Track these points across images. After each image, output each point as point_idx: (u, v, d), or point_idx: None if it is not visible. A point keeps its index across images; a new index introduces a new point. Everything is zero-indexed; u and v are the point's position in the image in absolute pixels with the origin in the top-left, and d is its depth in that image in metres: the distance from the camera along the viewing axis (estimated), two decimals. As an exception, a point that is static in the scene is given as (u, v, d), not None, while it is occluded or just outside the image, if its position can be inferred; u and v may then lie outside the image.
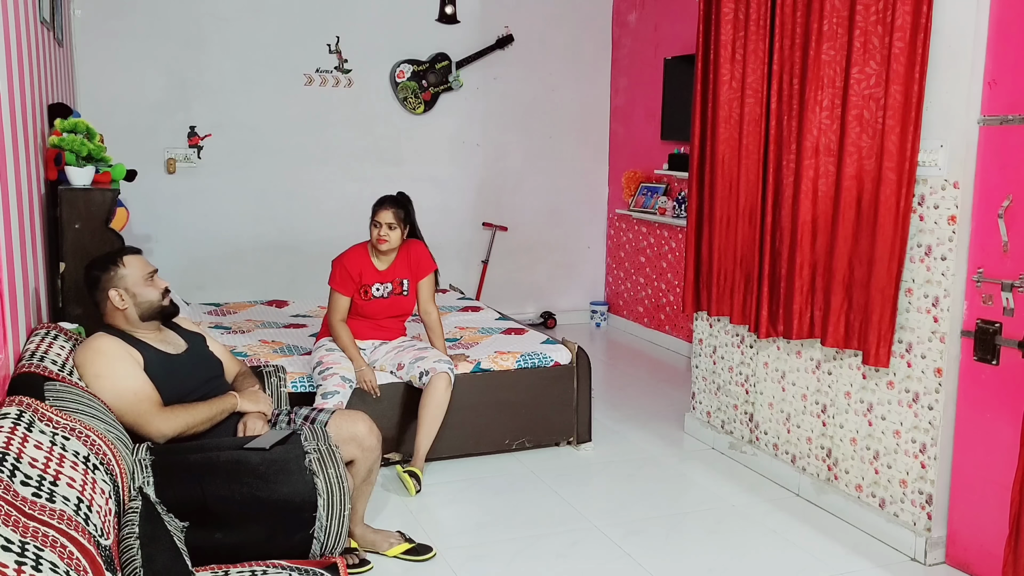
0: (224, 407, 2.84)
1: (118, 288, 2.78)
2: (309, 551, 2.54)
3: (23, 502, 1.63)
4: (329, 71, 6.22)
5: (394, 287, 3.98)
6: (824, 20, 3.38)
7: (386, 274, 3.98)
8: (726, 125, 3.93)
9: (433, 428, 3.75)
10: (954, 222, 3.07)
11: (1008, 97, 2.91)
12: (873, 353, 3.29)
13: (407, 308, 4.07)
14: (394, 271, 3.99)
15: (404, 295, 4.02)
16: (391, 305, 4.01)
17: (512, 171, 6.87)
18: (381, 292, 3.96)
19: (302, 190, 6.26)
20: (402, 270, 4.00)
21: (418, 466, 3.73)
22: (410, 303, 4.06)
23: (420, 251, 4.06)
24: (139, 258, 2.87)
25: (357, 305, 3.97)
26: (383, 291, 3.96)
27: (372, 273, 3.95)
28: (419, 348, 3.97)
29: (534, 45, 6.76)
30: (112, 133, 5.08)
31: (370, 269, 3.95)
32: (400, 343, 4.06)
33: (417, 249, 4.06)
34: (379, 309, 3.99)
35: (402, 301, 4.03)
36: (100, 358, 2.65)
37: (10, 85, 2.76)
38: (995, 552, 2.97)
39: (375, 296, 3.95)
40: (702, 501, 3.75)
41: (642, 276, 6.72)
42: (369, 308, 3.97)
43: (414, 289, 4.04)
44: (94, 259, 2.90)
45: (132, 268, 2.81)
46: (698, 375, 4.46)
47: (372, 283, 3.94)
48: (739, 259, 3.92)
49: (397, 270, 4.00)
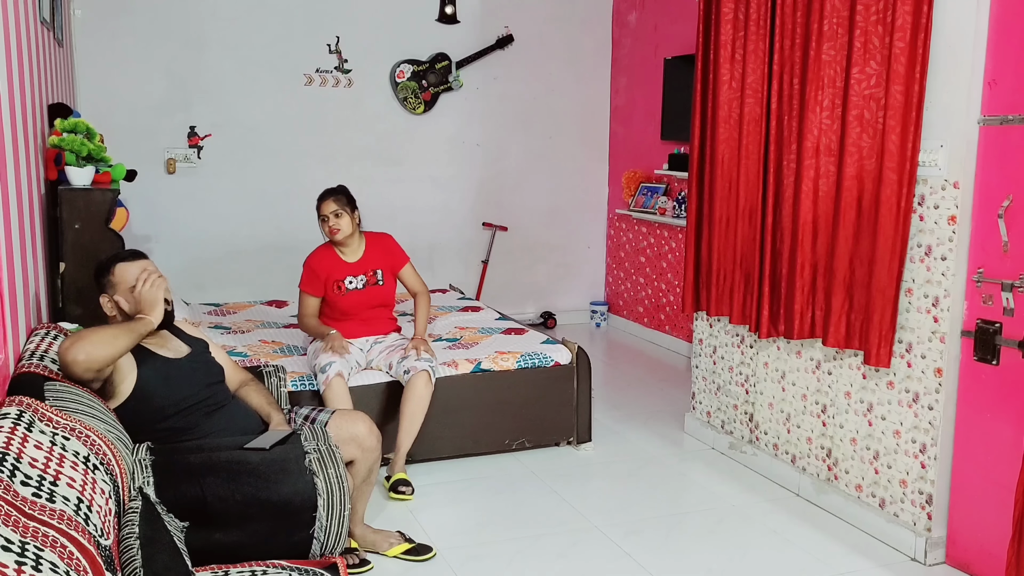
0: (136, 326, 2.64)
1: (108, 296, 2.75)
2: (309, 551, 2.54)
3: (23, 502, 1.63)
4: (329, 71, 6.22)
5: (368, 279, 3.99)
6: (824, 20, 3.38)
7: (357, 266, 3.99)
8: (726, 125, 3.93)
9: (414, 426, 3.73)
10: (954, 222, 3.07)
11: (1008, 97, 2.91)
12: (874, 353, 3.29)
13: (387, 298, 4.08)
14: (366, 263, 4.01)
15: (380, 285, 4.02)
16: (369, 296, 4.01)
17: (512, 171, 6.87)
18: (355, 284, 3.96)
19: (302, 190, 6.23)
20: (375, 261, 4.02)
21: (398, 469, 3.69)
22: (389, 293, 4.07)
23: (390, 243, 4.12)
24: (135, 265, 2.78)
25: (336, 303, 3.98)
26: (357, 283, 3.97)
27: (342, 267, 3.97)
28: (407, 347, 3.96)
29: (534, 45, 6.75)
30: (112, 133, 5.08)
31: (339, 265, 3.97)
32: (393, 341, 4.06)
33: (386, 241, 4.12)
34: (358, 302, 3.99)
35: (380, 292, 4.03)
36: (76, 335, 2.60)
37: (10, 85, 2.76)
38: (995, 552, 2.97)
39: (350, 289, 3.96)
40: (702, 501, 3.75)
41: (642, 276, 6.72)
42: (348, 303, 3.98)
43: (391, 280, 4.07)
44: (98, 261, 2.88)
45: (123, 277, 2.74)
46: (698, 375, 4.46)
47: (344, 277, 3.96)
48: (739, 259, 3.92)
49: (369, 261, 4.02)
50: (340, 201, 3.91)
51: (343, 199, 3.93)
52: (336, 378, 3.67)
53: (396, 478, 3.66)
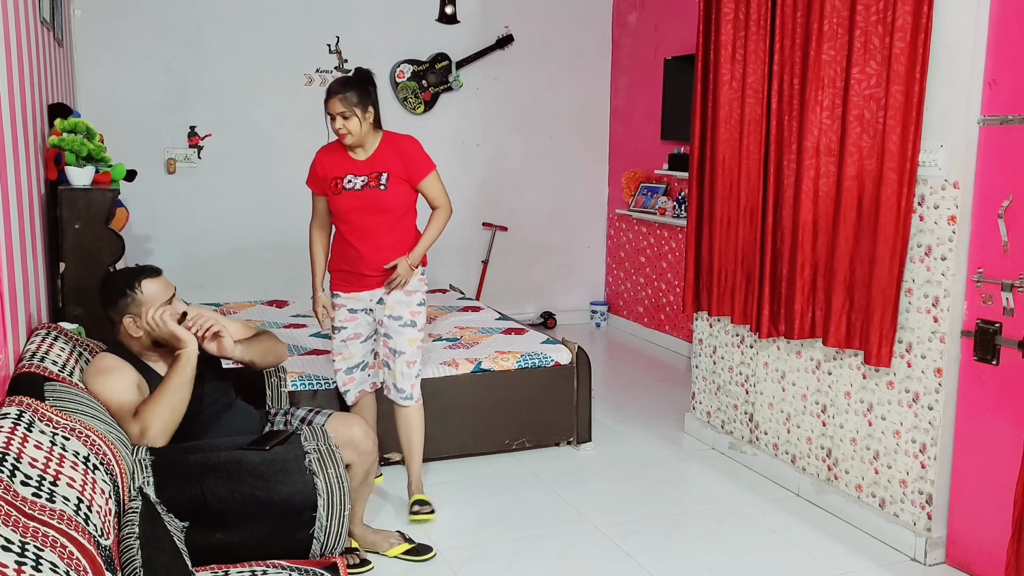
0: (184, 370, 2.61)
1: (133, 315, 2.68)
2: (309, 551, 2.54)
3: (23, 502, 1.63)
4: (329, 71, 6.22)
5: (370, 180, 3.39)
6: (824, 20, 3.38)
7: (363, 165, 3.41)
8: (726, 125, 3.93)
9: (419, 453, 3.59)
10: (954, 222, 3.07)
11: (1008, 97, 2.91)
12: (875, 353, 3.29)
13: (385, 204, 3.39)
14: (373, 163, 3.41)
15: (381, 189, 3.37)
16: (364, 200, 3.38)
17: (512, 171, 6.87)
18: (354, 184, 3.38)
19: (302, 190, 6.20)
20: (384, 163, 3.40)
21: (416, 490, 3.58)
22: (390, 199, 3.39)
23: (409, 147, 3.45)
24: (159, 281, 2.72)
25: (332, 204, 3.45)
26: (356, 183, 3.38)
27: (347, 164, 3.42)
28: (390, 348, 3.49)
29: (534, 45, 6.75)
30: (112, 133, 5.08)
31: (344, 161, 3.42)
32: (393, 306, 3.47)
33: (406, 144, 3.45)
34: (351, 205, 3.39)
35: (378, 196, 3.38)
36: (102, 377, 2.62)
37: (10, 85, 2.76)
38: (995, 552, 2.97)
39: (346, 188, 3.39)
40: (702, 501, 3.75)
41: (642, 276, 6.72)
42: (342, 205, 3.40)
43: (402, 188, 3.41)
44: (111, 276, 2.81)
45: (150, 295, 2.67)
46: (698, 375, 4.46)
47: (344, 174, 3.41)
48: (740, 259, 3.92)
49: (377, 162, 3.41)
50: (348, 100, 3.26)
51: (353, 96, 3.27)
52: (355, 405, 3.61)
53: (418, 499, 3.54)
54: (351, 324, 3.52)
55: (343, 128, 3.30)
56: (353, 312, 3.51)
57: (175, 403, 2.59)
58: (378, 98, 3.40)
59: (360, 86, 3.30)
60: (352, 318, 3.52)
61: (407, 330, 3.47)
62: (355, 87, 3.29)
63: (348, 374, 3.57)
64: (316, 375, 3.90)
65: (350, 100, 3.26)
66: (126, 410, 2.57)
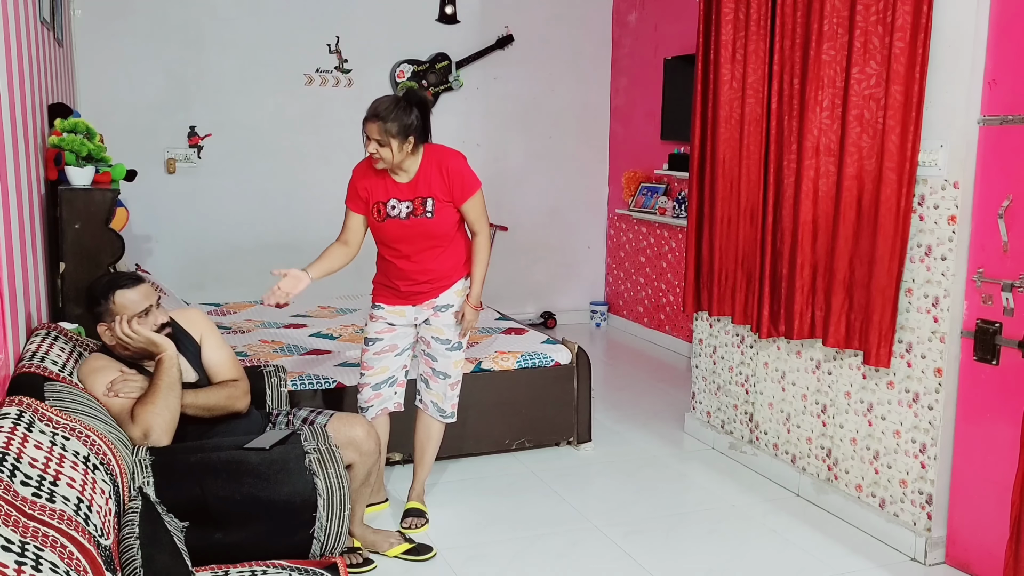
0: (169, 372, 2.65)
1: (108, 324, 2.70)
2: (309, 551, 2.54)
3: (23, 502, 1.63)
4: (329, 71, 6.22)
5: (415, 206, 3.18)
6: (824, 20, 3.38)
7: (406, 189, 3.19)
8: (726, 125, 3.93)
9: (431, 462, 3.57)
10: (954, 222, 3.07)
11: (1008, 97, 2.91)
12: (874, 353, 3.29)
13: (434, 232, 3.21)
14: (416, 186, 3.19)
15: (428, 217, 3.18)
16: (412, 229, 3.20)
17: (512, 171, 6.87)
18: (398, 211, 3.19)
19: (302, 190, 6.26)
20: (428, 185, 3.19)
21: (416, 497, 3.56)
22: (438, 227, 3.21)
23: (457, 165, 3.20)
24: (138, 290, 2.71)
25: (375, 230, 3.26)
26: (401, 209, 3.19)
27: (389, 187, 3.20)
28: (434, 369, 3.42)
29: (534, 45, 6.75)
30: (112, 133, 5.08)
31: (387, 184, 3.20)
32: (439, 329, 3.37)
33: (452, 162, 3.20)
34: (397, 235, 3.21)
35: (426, 225, 3.19)
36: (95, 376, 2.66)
37: (10, 85, 2.76)
38: (995, 552, 2.97)
39: (390, 215, 3.20)
40: (702, 501, 3.75)
41: (642, 276, 6.72)
42: (386, 232, 3.23)
43: (448, 212, 3.22)
44: (92, 283, 2.83)
45: (124, 304, 2.68)
46: (698, 375, 4.46)
47: (387, 199, 3.20)
48: (740, 259, 3.92)
49: (420, 185, 3.19)
50: (387, 131, 3.05)
51: (394, 127, 3.05)
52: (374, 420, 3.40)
53: (414, 507, 3.52)
54: (388, 336, 3.37)
55: (376, 153, 3.10)
56: (392, 325, 3.37)
57: (170, 402, 2.64)
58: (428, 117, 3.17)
59: (403, 117, 3.07)
60: (390, 330, 3.37)
61: (454, 353, 3.41)
62: (398, 119, 3.05)
63: (376, 390, 3.39)
64: (316, 375, 3.90)
65: (389, 131, 3.05)
66: (126, 412, 2.61)
